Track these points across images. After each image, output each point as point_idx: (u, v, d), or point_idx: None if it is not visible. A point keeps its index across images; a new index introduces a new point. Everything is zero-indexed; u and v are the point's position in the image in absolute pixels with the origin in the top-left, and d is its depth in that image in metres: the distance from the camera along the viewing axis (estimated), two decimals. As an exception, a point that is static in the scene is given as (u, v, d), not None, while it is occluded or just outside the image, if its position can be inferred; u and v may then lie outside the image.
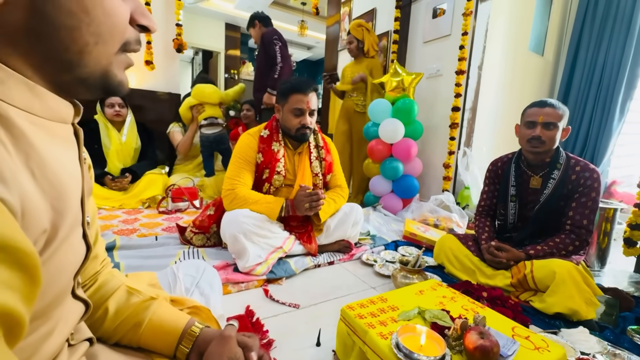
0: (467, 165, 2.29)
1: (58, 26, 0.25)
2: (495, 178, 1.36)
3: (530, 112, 1.19)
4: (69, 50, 0.26)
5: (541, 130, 1.16)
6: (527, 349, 0.64)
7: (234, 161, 1.38)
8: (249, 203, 1.29)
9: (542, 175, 1.22)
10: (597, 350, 0.84)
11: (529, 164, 1.24)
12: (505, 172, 1.30)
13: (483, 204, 1.39)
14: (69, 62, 0.27)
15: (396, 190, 2.34)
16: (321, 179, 1.51)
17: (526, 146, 1.20)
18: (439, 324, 0.68)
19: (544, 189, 1.20)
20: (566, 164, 1.19)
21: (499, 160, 1.36)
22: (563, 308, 0.99)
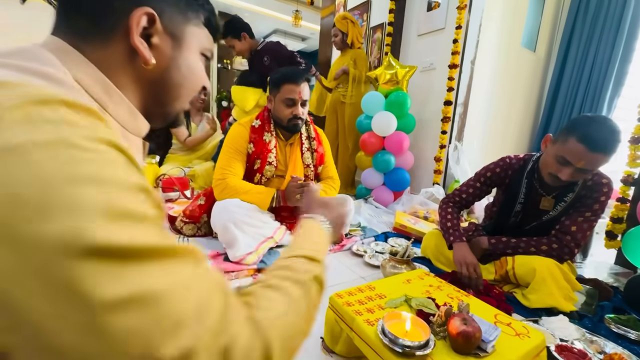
0: (458, 159, 2.31)
1: (173, 83, 0.39)
2: (497, 182, 1.19)
3: (573, 149, 0.91)
4: (170, 95, 0.40)
5: (572, 174, 0.95)
6: (508, 334, 0.66)
7: (225, 151, 1.37)
8: (239, 193, 1.28)
9: (555, 196, 1.10)
10: (575, 337, 0.87)
11: (543, 184, 1.10)
12: (514, 184, 1.15)
13: (464, 197, 1.24)
14: (165, 102, 0.40)
15: (388, 183, 2.35)
16: (312, 170, 1.51)
17: (547, 177, 1.03)
18: (425, 311, 0.70)
19: (553, 209, 1.10)
20: (582, 183, 1.05)
21: (508, 167, 1.17)
22: (543, 304, 1.01)
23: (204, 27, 0.41)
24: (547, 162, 1.03)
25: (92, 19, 0.32)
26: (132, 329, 0.19)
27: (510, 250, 1.15)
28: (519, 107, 2.93)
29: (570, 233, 1.07)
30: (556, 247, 1.08)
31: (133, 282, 0.20)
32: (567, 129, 0.96)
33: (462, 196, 1.26)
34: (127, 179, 0.23)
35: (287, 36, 6.80)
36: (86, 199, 0.20)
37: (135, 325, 0.19)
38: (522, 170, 1.15)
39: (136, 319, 0.19)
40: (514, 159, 1.19)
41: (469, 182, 1.25)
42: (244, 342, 0.25)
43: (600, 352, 0.83)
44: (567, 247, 1.07)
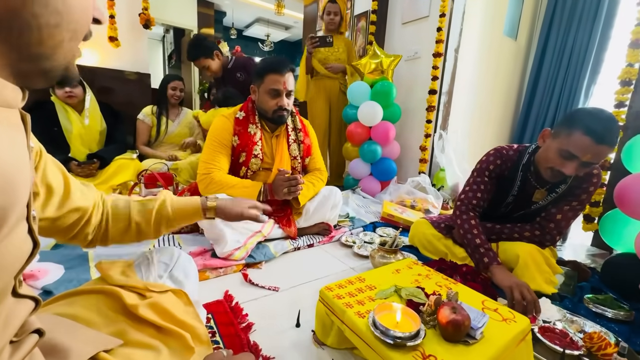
0: (443, 147, 2.33)
1: (41, 23, 0.26)
2: (499, 174, 1.15)
3: (579, 142, 0.89)
4: (43, 44, 0.27)
5: (577, 168, 0.93)
6: (496, 320, 0.67)
7: (209, 144, 1.33)
8: (225, 188, 1.26)
9: (548, 189, 1.10)
10: (557, 318, 0.90)
11: (538, 177, 1.09)
12: (509, 177, 1.13)
13: (480, 195, 1.15)
14: (39, 54, 0.27)
15: (375, 173, 2.36)
16: (300, 162, 1.49)
17: (545, 171, 1.02)
18: (415, 300, 0.70)
19: (542, 200, 1.12)
20: (575, 175, 1.03)
21: (507, 159, 1.14)
22: None
23: None
24: (547, 158, 1.00)
25: None
26: None
27: (495, 236, 1.17)
28: (501, 95, 2.98)
29: (555, 221, 1.09)
30: (539, 234, 1.11)
31: None
32: (568, 122, 0.94)
33: (478, 196, 1.15)
34: None
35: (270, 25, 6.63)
36: None
37: None
38: (518, 162, 1.12)
39: None
40: (509, 150, 1.16)
41: (476, 181, 1.17)
42: None
43: (580, 331, 0.87)
44: (549, 234, 1.10)
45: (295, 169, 1.48)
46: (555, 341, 0.80)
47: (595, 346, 0.79)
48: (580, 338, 0.82)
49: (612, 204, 1.45)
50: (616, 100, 1.53)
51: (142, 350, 0.47)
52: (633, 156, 1.33)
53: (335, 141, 2.68)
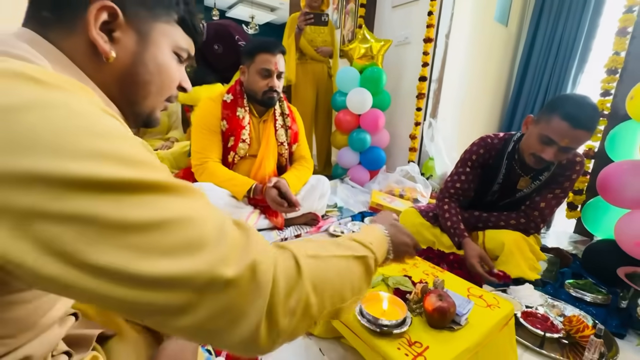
0: (432, 136, 2.36)
1: (140, 79, 0.39)
2: (483, 163, 1.19)
3: (557, 127, 0.93)
4: (138, 93, 0.40)
5: (556, 154, 0.97)
6: (481, 307, 0.70)
7: (198, 131, 1.31)
8: (216, 180, 1.28)
9: (532, 176, 1.14)
10: (539, 303, 0.95)
11: (523, 165, 1.12)
12: (494, 165, 1.16)
13: (459, 186, 1.21)
14: (134, 100, 0.40)
15: (363, 162, 2.37)
16: (287, 149, 1.48)
17: (529, 158, 1.04)
18: (401, 289, 0.72)
19: (527, 187, 1.15)
20: (558, 162, 1.09)
21: (491, 147, 1.17)
22: (511, 275, 1.09)
23: (177, 26, 0.41)
24: (529, 144, 1.03)
25: (54, 10, 0.33)
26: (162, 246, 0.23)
27: (481, 224, 1.21)
28: (491, 82, 3.02)
29: (539, 209, 1.13)
30: (524, 222, 1.15)
31: (154, 207, 0.24)
32: (549, 108, 0.98)
33: (457, 186, 1.21)
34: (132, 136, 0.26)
35: (254, 6, 6.45)
36: (102, 147, 0.23)
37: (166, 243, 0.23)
38: (503, 150, 1.16)
39: (166, 238, 0.23)
40: (495, 138, 1.19)
41: (458, 171, 1.22)
42: (269, 258, 0.29)
43: (560, 315, 0.92)
44: (533, 222, 1.14)
45: (282, 156, 1.48)
46: (537, 325, 0.84)
47: (574, 329, 0.83)
48: (561, 322, 0.87)
49: (595, 192, 1.51)
50: (602, 88, 1.58)
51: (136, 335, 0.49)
52: (616, 145, 1.39)
53: (322, 129, 2.67)
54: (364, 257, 0.41)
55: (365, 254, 0.41)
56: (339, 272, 0.36)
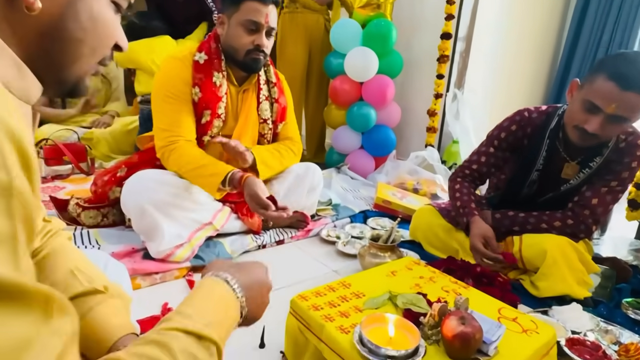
0: (458, 112, 2.38)
1: (70, 37, 0.39)
2: (514, 144, 1.23)
3: (602, 89, 0.97)
4: (66, 55, 0.40)
5: (602, 124, 1.00)
6: (514, 332, 0.72)
7: (162, 101, 1.26)
8: (185, 168, 1.25)
9: (580, 162, 1.16)
10: (588, 328, 0.97)
11: (568, 146, 1.15)
12: (533, 146, 1.19)
13: (475, 167, 1.29)
14: (60, 64, 0.40)
15: (367, 145, 2.37)
16: (271, 128, 1.47)
17: (572, 133, 1.08)
18: (414, 310, 0.74)
19: (574, 177, 1.17)
20: (614, 145, 1.10)
21: (527, 123, 1.20)
22: (554, 292, 1.12)
23: None
24: (572, 114, 1.07)
25: None
26: None
27: (518, 227, 1.23)
28: (535, 41, 3.03)
29: (590, 207, 1.15)
30: (571, 224, 1.17)
31: None
32: (595, 67, 1.02)
33: (473, 167, 1.28)
34: None
35: None
36: None
37: None
38: (544, 127, 1.19)
39: None
40: (534, 112, 1.22)
41: (480, 149, 1.29)
42: None
43: (615, 342, 0.95)
44: (583, 223, 1.16)
45: (264, 137, 1.47)
46: (585, 355, 0.87)
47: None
48: (615, 351, 0.90)
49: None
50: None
51: None
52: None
53: (314, 102, 2.66)
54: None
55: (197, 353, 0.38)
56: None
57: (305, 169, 1.53)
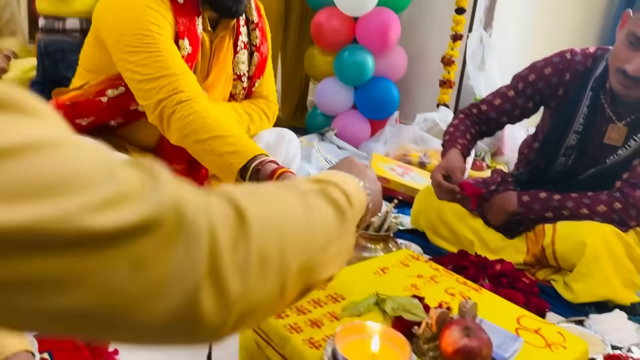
0: (483, 60, 2.37)
1: None
2: (544, 92, 1.27)
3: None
4: None
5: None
6: (535, 346, 0.74)
7: (139, 40, 1.17)
8: (195, 138, 1.16)
9: (629, 123, 1.19)
10: (634, 342, 1.01)
11: (615, 100, 1.17)
12: (573, 100, 1.22)
13: (485, 109, 1.34)
14: None
15: (360, 104, 2.37)
16: (245, 87, 1.46)
17: (614, 78, 1.12)
18: (406, 318, 0.74)
19: (623, 144, 1.19)
20: None
21: (567, 68, 1.23)
22: (594, 297, 1.14)
23: None
24: (615, 52, 1.10)
25: None
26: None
27: (551, 212, 1.24)
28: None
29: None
30: (620, 208, 1.19)
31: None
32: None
33: (482, 108, 1.32)
34: None
35: None
36: None
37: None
38: (588, 75, 1.20)
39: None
40: (578, 54, 1.23)
41: (499, 89, 1.33)
42: (196, 202, 0.31)
43: (667, 360, 0.98)
44: (635, 207, 1.18)
45: (235, 97, 1.46)
46: (626, 376, 0.90)
47: (686, 382, 0.89)
48: (665, 370, 0.93)
49: None
50: None
51: None
52: None
53: (293, 44, 2.64)
54: (330, 196, 0.46)
55: (334, 194, 0.47)
56: (297, 210, 0.41)
57: (277, 137, 1.51)
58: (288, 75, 2.72)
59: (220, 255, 0.30)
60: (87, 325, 0.28)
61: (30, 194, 0.24)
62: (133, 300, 0.27)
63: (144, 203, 0.28)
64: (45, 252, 0.24)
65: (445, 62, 2.44)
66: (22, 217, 0.23)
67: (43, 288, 0.25)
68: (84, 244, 0.25)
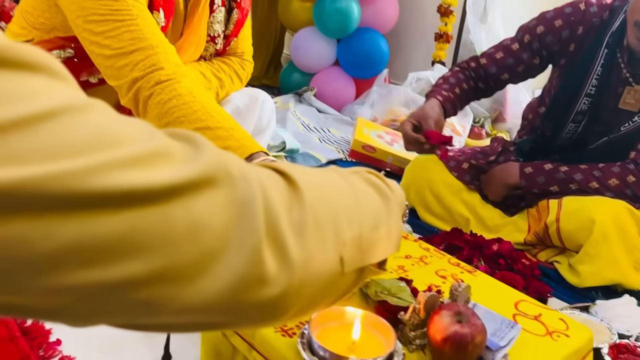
0: (485, 10, 2.37)
1: None
2: (551, 48, 1.27)
3: None
4: None
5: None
6: (535, 334, 0.75)
7: (108, 5, 1.15)
8: (207, 123, 1.13)
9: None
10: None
11: (632, 58, 1.18)
12: (585, 57, 1.23)
13: (485, 63, 1.33)
14: None
15: (344, 60, 2.36)
16: (218, 49, 1.46)
17: (631, 31, 1.13)
18: (391, 303, 0.75)
19: (639, 110, 1.20)
20: None
21: (580, 20, 1.23)
22: (601, 281, 1.17)
23: None
24: (635, 4, 1.11)
25: None
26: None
27: (557, 186, 1.26)
28: None
29: None
30: (634, 182, 1.21)
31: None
32: None
33: (482, 61, 1.31)
34: None
35: None
36: None
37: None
38: (603, 29, 1.20)
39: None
40: (594, 5, 1.22)
41: (503, 41, 1.32)
42: (245, 166, 0.33)
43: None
44: None
45: (203, 58, 1.46)
46: (633, 367, 0.94)
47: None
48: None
49: None
50: None
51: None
52: None
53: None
54: (370, 179, 0.48)
55: (372, 178, 0.49)
56: (342, 185, 0.44)
57: (248, 100, 1.50)
58: (259, 24, 2.68)
59: (276, 214, 0.32)
60: (138, 300, 0.28)
61: (69, 153, 0.25)
62: (193, 265, 0.29)
63: (191, 163, 0.29)
64: (89, 212, 0.25)
65: (442, 12, 2.43)
66: (59, 171, 0.24)
67: (90, 257, 0.25)
68: (132, 200, 0.26)
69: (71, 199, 0.24)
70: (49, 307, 0.27)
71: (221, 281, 0.30)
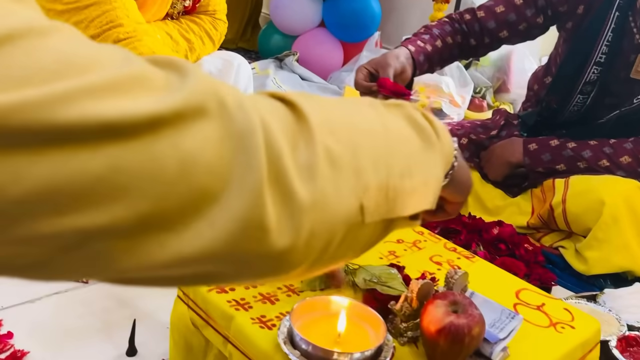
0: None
1: None
2: (557, 8, 1.26)
3: None
4: None
5: None
6: (537, 326, 0.77)
7: None
8: None
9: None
10: (653, 322, 1.06)
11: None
12: (595, 21, 1.22)
13: (482, 15, 1.30)
14: None
15: (330, 21, 2.36)
16: (187, 5, 1.46)
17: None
18: (381, 291, 0.76)
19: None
20: None
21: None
22: (610, 268, 1.19)
23: None
24: None
25: None
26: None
27: (564, 164, 1.27)
28: None
29: None
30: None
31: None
32: None
33: (478, 14, 1.28)
34: None
35: None
36: None
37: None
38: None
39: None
40: None
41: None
42: (242, 95, 0.32)
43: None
44: None
45: (169, 15, 1.44)
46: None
47: None
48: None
49: None
50: None
51: None
52: None
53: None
54: (412, 117, 0.46)
55: (416, 116, 0.47)
56: (371, 118, 0.42)
57: (222, 64, 1.50)
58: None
59: (278, 150, 0.31)
60: (124, 250, 0.27)
61: (32, 81, 0.24)
62: (185, 209, 0.28)
63: (176, 91, 0.28)
64: (60, 149, 0.24)
65: (440, -31, 2.42)
66: (22, 101, 0.23)
67: (66, 201, 0.25)
68: (109, 134, 0.25)
69: (39, 134, 0.23)
70: (26, 261, 0.26)
71: (218, 227, 0.29)
